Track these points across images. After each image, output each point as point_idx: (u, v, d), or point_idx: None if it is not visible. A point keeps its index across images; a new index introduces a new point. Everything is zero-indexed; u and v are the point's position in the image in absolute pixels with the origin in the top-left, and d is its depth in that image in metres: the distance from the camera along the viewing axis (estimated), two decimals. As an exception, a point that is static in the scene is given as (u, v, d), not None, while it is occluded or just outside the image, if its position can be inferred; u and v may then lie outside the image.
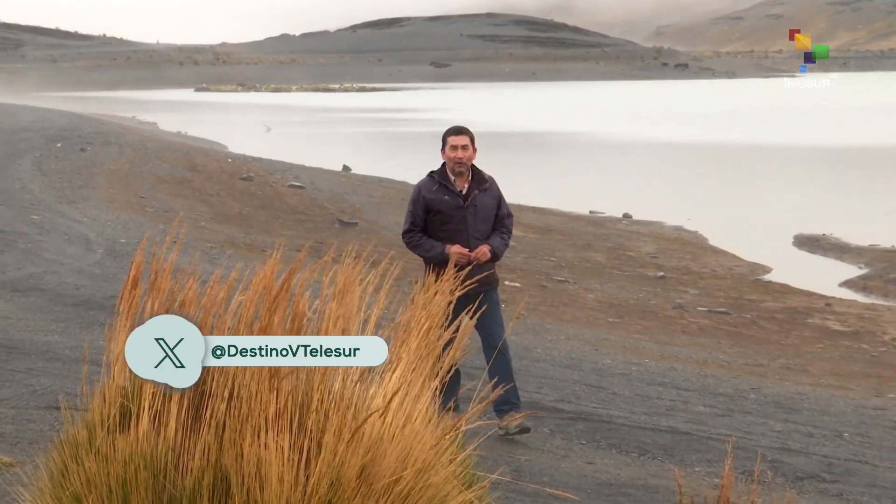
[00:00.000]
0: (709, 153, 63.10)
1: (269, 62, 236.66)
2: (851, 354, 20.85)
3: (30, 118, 61.85)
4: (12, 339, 15.02)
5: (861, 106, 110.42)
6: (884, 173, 53.36)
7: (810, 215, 37.16)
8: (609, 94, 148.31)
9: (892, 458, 13.17)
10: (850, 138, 70.69)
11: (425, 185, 11.63)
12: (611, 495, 10.53)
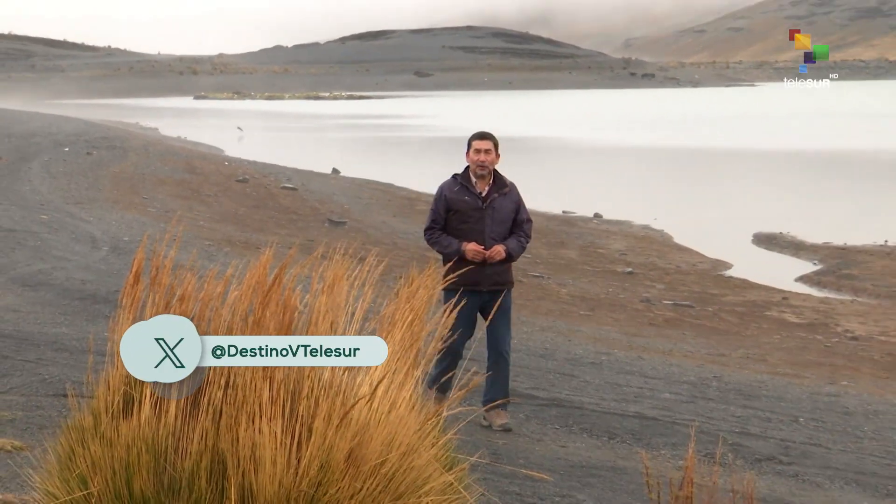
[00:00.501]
0: (674, 157, 63.17)
1: (263, 72, 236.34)
2: (806, 345, 20.89)
3: (39, 124, 61.77)
4: (22, 330, 14.99)
5: (814, 112, 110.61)
6: (836, 175, 53.49)
7: (768, 215, 37.20)
8: (581, 101, 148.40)
9: (845, 442, 13.19)
10: (804, 143, 70.82)
11: (448, 185, 11.61)
12: (582, 476, 10.53)
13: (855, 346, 21.02)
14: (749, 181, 51.78)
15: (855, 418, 14.56)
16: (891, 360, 19.88)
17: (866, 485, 11.36)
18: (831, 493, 10.97)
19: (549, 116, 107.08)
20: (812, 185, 49.61)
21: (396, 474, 5.87)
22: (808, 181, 51.23)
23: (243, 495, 5.69)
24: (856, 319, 23.44)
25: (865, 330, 22.41)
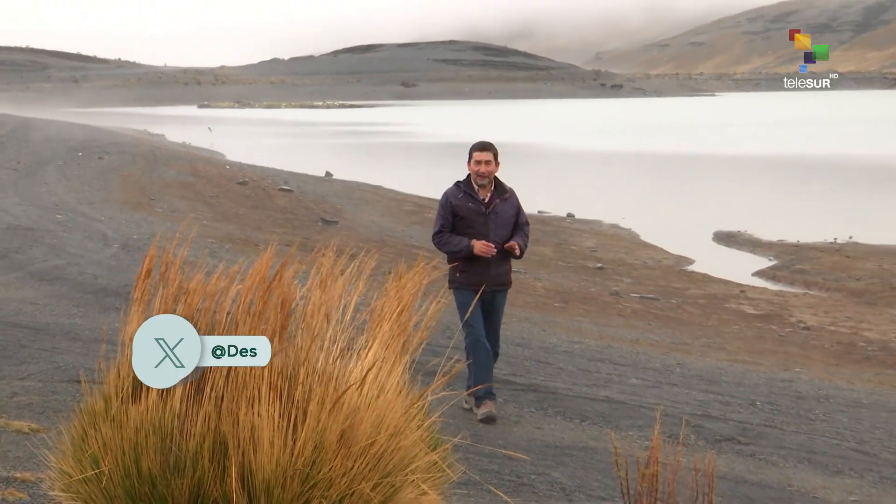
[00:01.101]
0: (640, 160, 63.23)
1: (261, 82, 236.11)
2: (762, 334, 20.92)
3: (55, 131, 61.66)
4: (39, 322, 14.97)
5: (769, 120, 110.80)
6: (789, 178, 53.56)
7: (727, 214, 37.24)
8: (554, 110, 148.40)
9: (798, 424, 13.21)
10: (759, 148, 70.95)
11: (452, 192, 11.54)
12: (557, 456, 10.53)
13: (807, 335, 21.06)
14: (710, 183, 51.85)
15: (807, 402, 14.59)
16: (840, 349, 19.92)
17: (817, 463, 11.39)
18: (785, 471, 10.99)
19: (525, 124, 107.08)
20: (768, 188, 49.69)
21: (385, 454, 5.87)
22: (764, 183, 51.31)
23: (243, 473, 5.68)
24: (808, 311, 23.48)
25: (816, 321, 22.46)
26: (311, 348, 5.97)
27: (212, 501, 5.73)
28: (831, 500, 9.99)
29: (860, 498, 10.17)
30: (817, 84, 20.47)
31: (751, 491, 9.93)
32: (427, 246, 28.23)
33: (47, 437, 6.74)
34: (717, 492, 7.37)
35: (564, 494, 9.10)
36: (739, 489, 9.86)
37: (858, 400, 15.09)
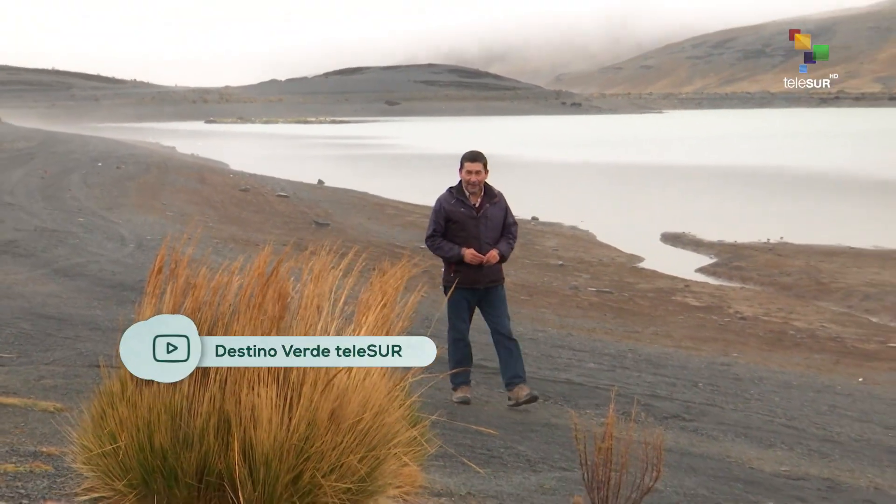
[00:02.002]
0: (597, 170, 63.27)
1: (261, 101, 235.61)
2: (704, 324, 20.95)
3: (78, 143, 61.52)
4: (63, 313, 14.92)
5: (711, 135, 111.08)
6: (727, 185, 53.68)
7: (673, 217, 37.31)
8: (520, 126, 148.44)
9: (735, 402, 13.25)
10: (703, 159, 71.09)
11: (445, 198, 11.44)
12: (523, 431, 10.53)
13: (743, 324, 21.11)
14: (657, 190, 51.96)
15: (743, 383, 14.63)
16: (772, 336, 19.98)
17: (752, 437, 11.42)
18: (724, 444, 11.01)
19: (494, 138, 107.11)
20: (709, 193, 49.79)
21: (370, 430, 5.86)
22: (705, 190, 51.42)
23: (244, 448, 5.67)
24: (744, 303, 23.53)
25: (752, 311, 22.51)
26: (305, 334, 5.96)
27: (216, 473, 5.72)
28: (764, 469, 10.02)
29: (790, 468, 10.19)
30: (817, 84, 20.10)
31: (694, 462, 9.95)
32: (408, 245, 28.25)
33: (70, 415, 6.71)
34: (664, 463, 7.38)
35: (529, 465, 9.10)
36: (684, 460, 9.88)
37: (788, 381, 15.14)
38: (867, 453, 11.18)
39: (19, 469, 6.71)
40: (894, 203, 46.12)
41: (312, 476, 5.71)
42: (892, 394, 14.91)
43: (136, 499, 5.84)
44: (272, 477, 5.67)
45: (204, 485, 5.76)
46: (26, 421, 8.22)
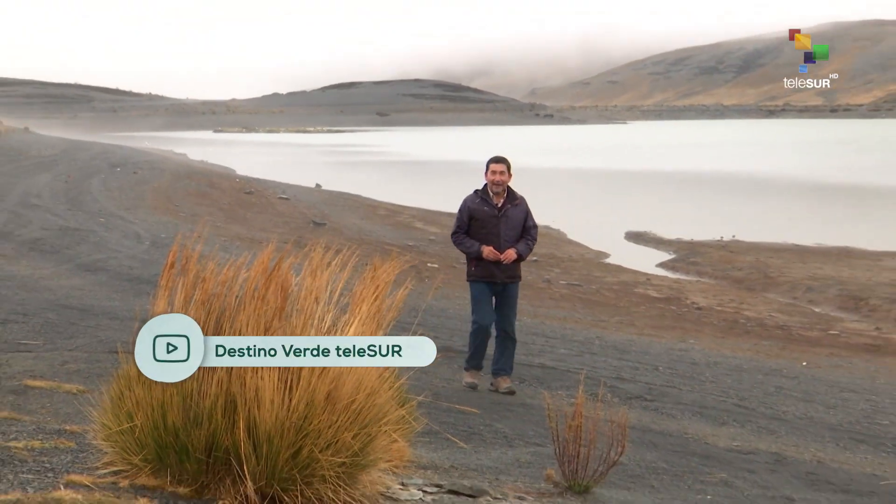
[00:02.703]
0: (566, 174, 63.28)
1: (264, 112, 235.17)
2: (664, 313, 21.00)
3: (98, 151, 61.37)
4: (85, 304, 14.89)
5: (669, 143, 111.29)
6: (685, 188, 53.80)
7: (636, 218, 37.36)
8: (497, 134, 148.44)
9: (692, 384, 13.27)
10: (663, 165, 71.20)
11: (470, 198, 11.41)
12: (501, 411, 10.54)
13: (699, 314, 21.16)
14: (622, 192, 52.04)
15: (699, 367, 14.66)
16: (725, 325, 20.03)
17: (707, 416, 11.44)
18: (682, 422, 11.04)
19: (474, 145, 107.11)
20: (668, 196, 49.90)
21: (363, 409, 5.85)
22: (665, 193, 51.52)
23: (249, 426, 5.65)
24: (700, 295, 23.59)
25: (706, 302, 22.56)
26: (304, 325, 5.95)
27: (224, 449, 5.70)
28: (718, 445, 10.04)
29: (741, 443, 10.21)
30: (818, 84, 19.25)
31: (655, 438, 9.96)
32: (398, 243, 28.26)
33: (91, 396, 6.70)
34: (628, 439, 7.40)
35: (507, 441, 9.10)
36: (646, 437, 9.89)
37: (740, 365, 15.18)
38: (810, 430, 11.21)
39: (45, 445, 6.69)
40: (834, 205, 46.29)
41: (310, 451, 5.70)
42: (832, 376, 14.96)
43: (151, 472, 5.83)
44: (274, 452, 5.67)
45: (212, 459, 5.75)
46: (52, 402, 8.20)
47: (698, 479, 8.38)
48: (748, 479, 8.56)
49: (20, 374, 9.23)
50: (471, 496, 6.69)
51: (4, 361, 9.88)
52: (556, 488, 7.22)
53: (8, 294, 15.41)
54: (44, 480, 5.84)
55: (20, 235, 23.72)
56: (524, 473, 7.74)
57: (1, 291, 15.67)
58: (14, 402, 8.09)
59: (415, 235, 31.53)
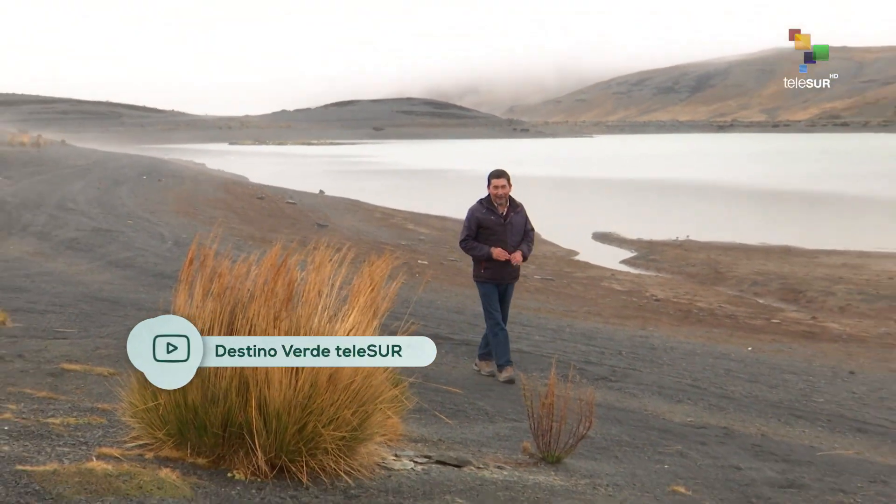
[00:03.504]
0: (539, 181, 63.31)
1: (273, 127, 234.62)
2: (627, 304, 21.01)
3: (127, 161, 61.17)
4: (116, 296, 14.85)
5: (631, 154, 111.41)
6: (645, 194, 53.86)
7: (603, 220, 37.39)
8: (478, 147, 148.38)
9: (651, 367, 13.28)
10: (625, 173, 71.28)
11: (477, 208, 11.35)
12: (482, 391, 10.54)
13: (657, 304, 21.18)
14: (590, 197, 52.08)
15: (658, 352, 14.67)
16: (680, 314, 20.05)
17: (664, 395, 11.45)
18: (643, 400, 11.04)
19: (458, 156, 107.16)
20: (630, 201, 49.94)
21: (361, 390, 5.84)
22: (627, 198, 51.56)
23: (260, 404, 5.64)
24: (658, 288, 23.61)
25: (664, 295, 22.59)
26: (308, 315, 5.93)
27: (238, 424, 5.69)
28: (674, 420, 10.05)
29: (694, 419, 10.23)
30: (818, 84, 18.07)
31: (619, 415, 9.97)
32: (391, 242, 28.23)
33: (120, 378, 6.68)
34: (595, 415, 7.40)
35: (488, 417, 9.10)
36: (611, 413, 9.89)
37: (693, 350, 15.19)
38: (755, 407, 11.23)
39: (79, 421, 6.67)
40: (776, 208, 46.40)
41: (314, 426, 5.69)
42: (774, 360, 14.99)
43: (173, 445, 5.81)
44: (282, 427, 5.65)
45: (227, 434, 5.73)
46: (85, 383, 8.18)
47: (657, 450, 8.38)
48: (700, 451, 8.57)
49: (57, 359, 9.21)
50: (456, 466, 6.69)
51: (43, 347, 9.86)
52: (531, 459, 7.22)
53: (46, 287, 15.37)
54: (78, 453, 5.82)
55: (57, 236, 23.66)
56: (503, 446, 7.73)
57: (41, 285, 15.64)
58: (52, 384, 8.07)
59: (407, 235, 31.51)
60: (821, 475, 7.97)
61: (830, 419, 10.89)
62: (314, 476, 5.69)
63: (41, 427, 6.39)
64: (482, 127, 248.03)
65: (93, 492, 5.12)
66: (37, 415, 6.81)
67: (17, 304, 12.98)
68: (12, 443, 5.94)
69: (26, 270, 17.66)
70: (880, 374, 14.36)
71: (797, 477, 7.79)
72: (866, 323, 19.80)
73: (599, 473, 7.14)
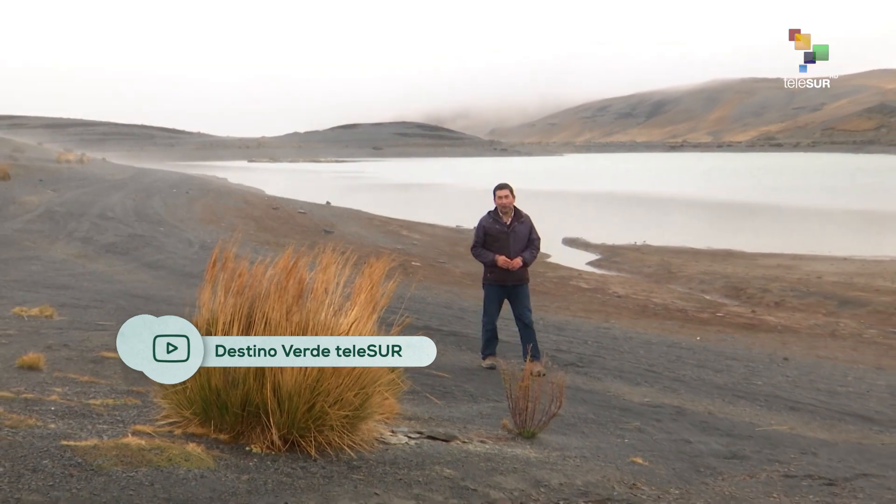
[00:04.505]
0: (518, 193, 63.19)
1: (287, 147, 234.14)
2: (592, 300, 21.02)
3: (159, 176, 60.99)
4: (149, 293, 14.81)
5: (595, 170, 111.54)
6: (608, 204, 53.93)
7: (571, 227, 37.39)
8: (463, 164, 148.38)
9: (613, 354, 13.28)
10: (590, 186, 71.33)
11: (485, 219, 11.28)
12: (468, 375, 10.52)
13: (619, 300, 21.20)
14: (559, 207, 52.08)
15: (619, 341, 14.68)
16: (638, 309, 20.07)
17: (625, 378, 11.45)
18: (606, 383, 11.04)
19: (445, 172, 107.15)
20: (595, 210, 49.98)
21: (362, 374, 5.83)
22: (593, 207, 51.60)
23: (274, 387, 5.62)
24: (619, 286, 23.63)
25: (624, 292, 22.60)
26: (316, 309, 5.91)
27: (255, 405, 5.67)
28: (633, 400, 10.04)
29: (651, 399, 10.22)
30: (818, 84, 17.14)
31: (585, 396, 9.96)
32: (389, 246, 28.19)
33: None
34: (564, 396, 7.39)
35: (472, 399, 9.08)
36: (578, 395, 9.89)
37: (650, 340, 15.21)
38: (703, 389, 11.23)
39: (117, 402, 6.64)
40: (720, 217, 46.51)
41: (322, 406, 5.67)
42: (719, 348, 15.01)
43: (199, 423, 5.79)
44: (294, 407, 5.63)
45: (246, 413, 5.71)
46: (122, 369, 8.14)
47: (618, 426, 8.38)
48: (656, 427, 8.57)
49: (98, 348, 9.16)
50: (444, 440, 6.67)
51: (86, 338, 9.81)
52: (509, 434, 7.20)
53: (89, 286, 15.30)
54: (115, 430, 5.79)
55: (98, 241, 23.57)
56: (485, 423, 7.72)
57: (84, 283, 15.57)
58: (93, 370, 8.04)
59: (402, 240, 31.48)
60: (759, 448, 7.97)
61: (767, 399, 10.90)
62: (321, 449, 5.67)
63: (84, 407, 6.35)
64: (467, 147, 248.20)
65: (128, 463, 5.10)
66: (80, 396, 6.77)
67: (63, 300, 12.92)
68: (58, 421, 5.91)
69: (71, 271, 17.59)
70: (810, 360, 14.40)
71: (739, 449, 7.79)
72: (798, 316, 19.85)
73: (569, 447, 7.13)
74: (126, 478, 4.91)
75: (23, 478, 4.78)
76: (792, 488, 6.57)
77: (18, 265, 17.94)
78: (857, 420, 10.12)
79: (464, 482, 5.67)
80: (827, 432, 9.28)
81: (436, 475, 5.71)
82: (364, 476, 5.47)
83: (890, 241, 34.28)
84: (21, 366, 7.75)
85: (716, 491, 6.33)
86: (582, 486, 5.97)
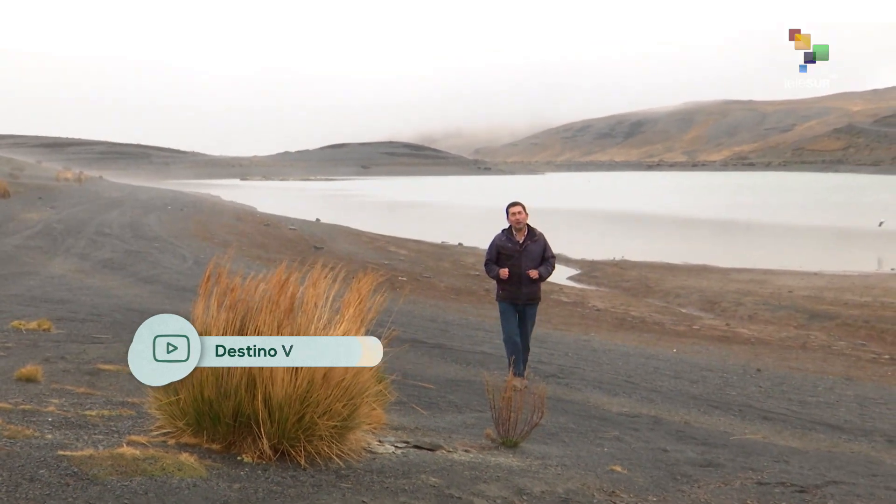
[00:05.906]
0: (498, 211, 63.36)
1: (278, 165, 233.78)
2: (572, 313, 21.05)
3: (155, 194, 60.90)
4: (144, 307, 14.75)
5: (575, 188, 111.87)
6: (587, 221, 54.08)
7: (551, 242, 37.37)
8: (448, 182, 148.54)
9: (593, 366, 13.29)
10: (570, 204, 71.50)
11: (499, 237, 11.11)
12: (451, 386, 10.50)
13: (598, 314, 21.22)
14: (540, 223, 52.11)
15: (598, 353, 14.70)
16: (617, 322, 20.09)
17: (604, 389, 11.46)
18: (585, 393, 11.04)
19: (432, 190, 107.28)
20: (575, 227, 50.09)
21: (350, 385, 5.81)
22: (573, 224, 51.72)
23: (265, 398, 5.60)
24: (598, 300, 23.66)
25: (603, 305, 22.64)
26: (307, 323, 5.90)
27: (246, 415, 5.65)
28: (612, 410, 10.05)
29: (629, 409, 10.23)
30: (818, 84, 16.53)
31: (566, 406, 9.96)
32: (376, 262, 28.16)
33: (147, 377, 6.60)
34: (546, 406, 7.38)
35: (457, 409, 9.07)
36: (559, 405, 9.89)
37: (628, 352, 15.23)
38: (679, 399, 11.25)
39: (112, 413, 6.61)
40: (695, 233, 46.69)
41: (311, 417, 5.66)
42: (695, 360, 15.04)
43: (192, 433, 5.77)
44: (284, 418, 5.62)
45: (237, 423, 5.69)
46: (118, 381, 8.11)
47: (598, 435, 8.38)
48: (634, 436, 8.57)
49: (94, 360, 9.11)
50: (430, 449, 6.66)
51: (83, 350, 9.76)
52: (493, 443, 7.19)
53: (86, 300, 15.22)
54: (111, 440, 5.76)
55: (95, 256, 23.48)
56: (470, 432, 7.71)
57: (80, 298, 15.49)
58: (89, 381, 8.00)
59: (389, 256, 31.47)
60: (733, 456, 7.98)
61: (741, 409, 10.93)
62: (311, 459, 5.65)
63: (80, 418, 6.32)
64: (452, 165, 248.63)
65: (123, 473, 5.07)
66: (76, 407, 6.74)
67: (60, 314, 12.85)
68: (55, 431, 5.88)
69: (68, 285, 17.51)
70: (782, 372, 14.44)
71: (714, 457, 7.80)
72: (770, 329, 19.92)
73: (550, 455, 7.13)
74: (121, 487, 4.88)
75: (20, 487, 4.74)
76: (765, 495, 6.58)
77: (17, 280, 17.84)
78: (827, 429, 10.16)
79: (449, 490, 5.66)
80: (798, 441, 9.31)
81: (422, 483, 5.70)
82: (352, 484, 5.45)
83: (858, 256, 34.48)
84: (19, 378, 7.70)
85: (692, 498, 6.34)
86: (563, 494, 5.97)
